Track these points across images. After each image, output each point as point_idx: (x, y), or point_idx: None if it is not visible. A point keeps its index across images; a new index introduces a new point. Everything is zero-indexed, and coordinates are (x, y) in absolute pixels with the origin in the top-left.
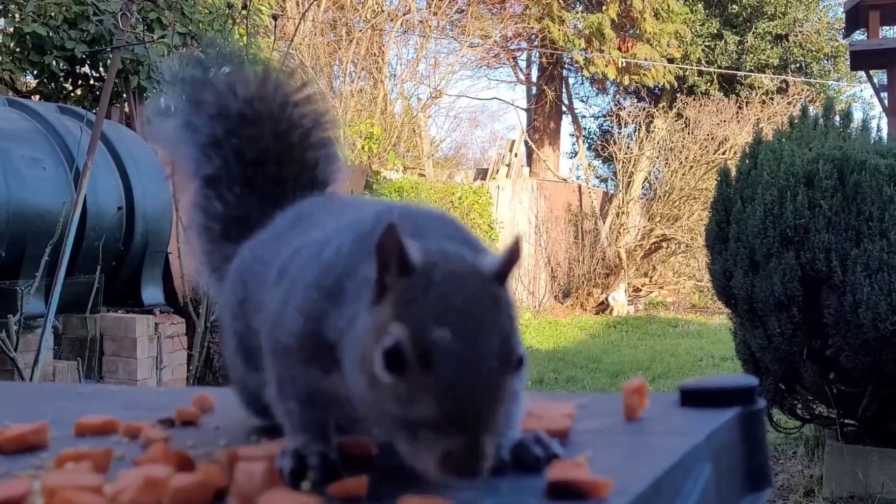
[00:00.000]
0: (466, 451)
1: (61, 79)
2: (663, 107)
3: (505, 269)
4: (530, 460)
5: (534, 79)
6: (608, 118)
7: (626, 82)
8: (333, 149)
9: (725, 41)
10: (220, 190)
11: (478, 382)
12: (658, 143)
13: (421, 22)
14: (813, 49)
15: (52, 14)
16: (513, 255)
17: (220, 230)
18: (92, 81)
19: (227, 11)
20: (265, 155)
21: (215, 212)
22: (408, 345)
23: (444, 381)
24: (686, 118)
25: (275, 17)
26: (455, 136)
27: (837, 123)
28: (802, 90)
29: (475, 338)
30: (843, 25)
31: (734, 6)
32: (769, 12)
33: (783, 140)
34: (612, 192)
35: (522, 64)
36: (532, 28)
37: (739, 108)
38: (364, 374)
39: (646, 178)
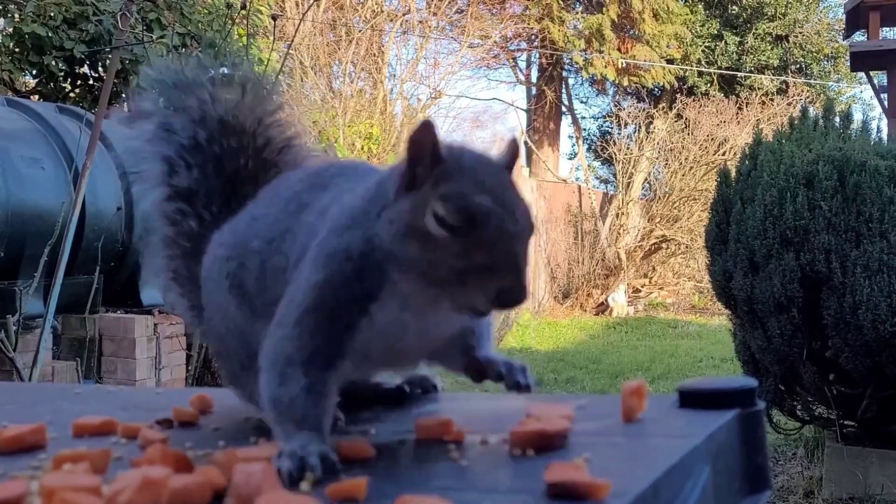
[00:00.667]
0: (516, 286)
1: (60, 79)
2: (663, 108)
3: (511, 161)
4: (511, 383)
5: (533, 79)
6: (608, 119)
7: (626, 83)
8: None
9: (725, 42)
10: (196, 207)
11: (516, 235)
12: (658, 143)
13: (421, 22)
14: (813, 50)
15: (52, 14)
16: (514, 149)
17: (191, 248)
18: (91, 81)
19: (226, 12)
20: (244, 170)
21: (189, 230)
22: (460, 207)
23: (492, 235)
24: (686, 119)
25: (274, 18)
26: (455, 136)
27: (837, 124)
28: (802, 91)
29: (509, 204)
30: (844, 26)
31: (734, 7)
32: (769, 13)
33: (783, 141)
34: (611, 192)
35: (522, 64)
36: (532, 28)
37: (739, 108)
38: (414, 240)
39: (645, 179)
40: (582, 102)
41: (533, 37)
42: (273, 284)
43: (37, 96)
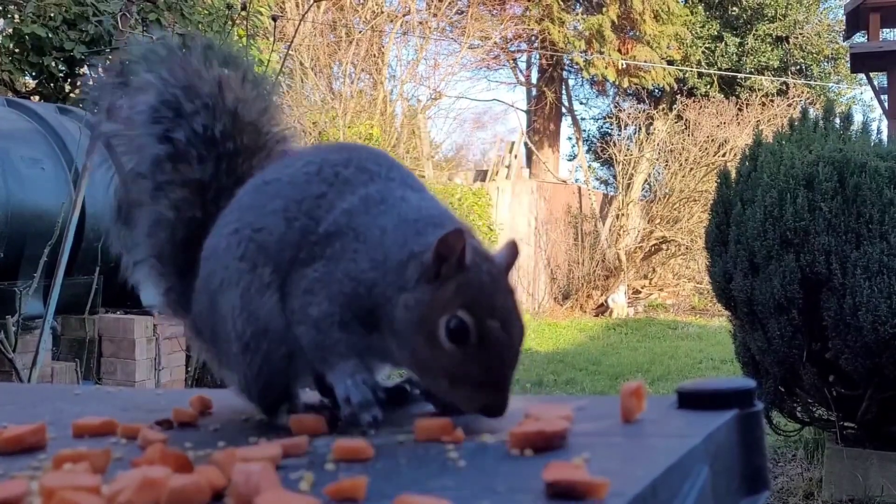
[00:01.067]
0: (501, 403)
1: (60, 79)
2: (663, 109)
3: (510, 264)
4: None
5: (534, 80)
6: (608, 120)
7: (626, 84)
8: None
9: (726, 43)
10: (205, 200)
11: (511, 358)
12: (658, 145)
13: (421, 23)
14: (813, 51)
15: (52, 15)
16: (514, 253)
17: (185, 235)
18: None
19: (226, 12)
20: (250, 172)
21: (191, 217)
22: (472, 329)
23: (493, 356)
24: (686, 120)
25: (274, 19)
26: (455, 137)
27: (837, 125)
28: (803, 92)
29: (511, 327)
30: (844, 27)
31: (734, 8)
32: (769, 14)
33: (783, 142)
34: (611, 193)
35: (522, 65)
36: (532, 30)
37: (739, 110)
38: (422, 336)
39: (645, 180)
40: (582, 103)
41: (533, 38)
42: (298, 244)
43: (37, 97)
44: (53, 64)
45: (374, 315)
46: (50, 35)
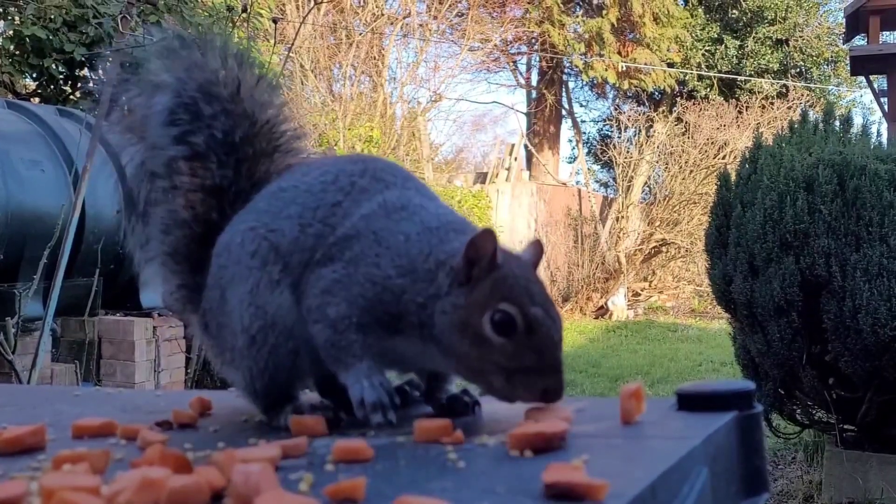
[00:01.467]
0: (559, 385)
1: (61, 81)
2: (663, 111)
3: (536, 261)
4: (460, 406)
5: (534, 83)
6: (608, 122)
7: (626, 87)
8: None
9: (726, 46)
10: (223, 203)
11: (558, 342)
12: (658, 147)
13: (421, 25)
14: (813, 54)
15: (52, 17)
16: (539, 252)
17: (201, 233)
18: (91, 84)
19: (227, 15)
20: (270, 174)
21: (207, 218)
22: (518, 318)
23: (543, 340)
24: (686, 122)
25: (275, 21)
26: (455, 139)
27: (837, 128)
28: (802, 95)
29: (552, 313)
30: (844, 30)
31: (735, 11)
32: (769, 17)
33: (783, 145)
34: (611, 196)
35: (522, 68)
36: (532, 32)
37: (739, 112)
38: (468, 338)
39: (645, 183)
40: (582, 106)
41: (533, 40)
42: (311, 248)
43: (37, 99)
44: (53, 66)
45: (400, 320)
46: (50, 37)
